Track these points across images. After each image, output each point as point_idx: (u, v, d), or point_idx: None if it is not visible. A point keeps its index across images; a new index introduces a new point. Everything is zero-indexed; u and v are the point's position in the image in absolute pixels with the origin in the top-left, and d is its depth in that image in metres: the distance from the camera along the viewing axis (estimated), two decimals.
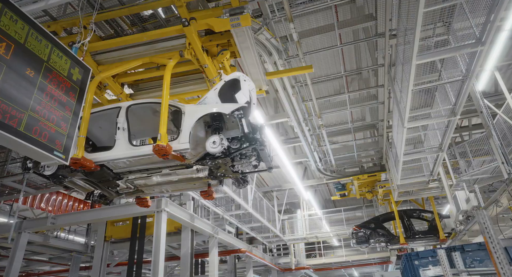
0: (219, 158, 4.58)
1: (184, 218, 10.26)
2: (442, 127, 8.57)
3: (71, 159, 4.22)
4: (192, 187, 5.38)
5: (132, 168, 4.86)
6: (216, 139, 4.38)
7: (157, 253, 8.52)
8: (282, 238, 18.11)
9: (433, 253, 6.82)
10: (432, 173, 11.01)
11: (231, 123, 4.64)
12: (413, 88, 6.79)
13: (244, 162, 4.83)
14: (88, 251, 13.15)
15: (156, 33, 5.62)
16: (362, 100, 11.18)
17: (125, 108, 4.90)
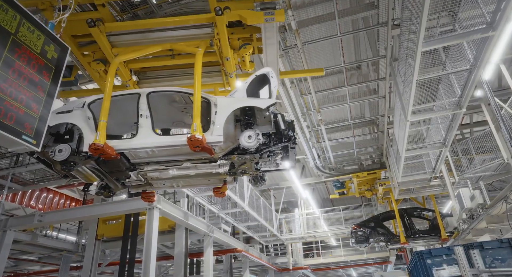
0: (249, 154, 4.47)
1: (177, 216, 9.88)
2: (446, 122, 8.23)
3: (92, 145, 4.03)
4: (207, 183, 5.18)
5: (152, 159, 4.61)
6: (252, 134, 4.28)
7: (148, 252, 8.15)
8: (280, 238, 17.75)
9: (448, 251, 6.24)
10: (435, 170, 10.66)
11: (262, 119, 4.55)
12: (418, 78, 6.44)
13: (270, 160, 4.74)
14: (79, 251, 12.77)
15: (182, 20, 5.34)
16: (362, 94, 10.83)
17: (146, 95, 4.63)
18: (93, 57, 5.85)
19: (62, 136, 4.46)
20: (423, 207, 14.73)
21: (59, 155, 4.27)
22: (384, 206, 18.42)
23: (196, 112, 4.30)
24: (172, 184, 5.14)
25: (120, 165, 4.59)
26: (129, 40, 5.63)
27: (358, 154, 13.72)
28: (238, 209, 13.12)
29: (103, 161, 4.47)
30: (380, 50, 8.75)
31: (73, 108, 4.62)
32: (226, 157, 4.58)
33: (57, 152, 4.28)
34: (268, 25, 5.30)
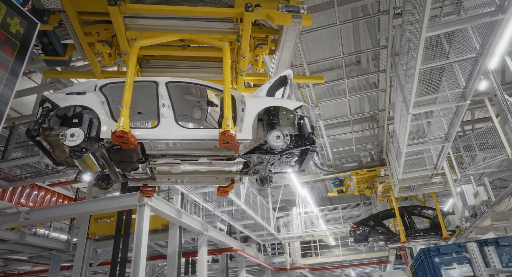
0: (270, 154, 4.44)
1: (170, 214, 9.51)
2: (449, 115, 7.89)
3: (117, 132, 3.79)
4: (214, 180, 5.02)
5: (169, 152, 4.35)
6: (280, 134, 4.25)
7: (138, 251, 7.78)
8: (277, 237, 17.40)
9: (458, 248, 5.67)
10: (436, 166, 10.33)
11: (285, 120, 4.54)
12: (421, 67, 6.09)
13: (286, 161, 4.74)
14: (70, 250, 12.37)
15: (208, 11, 5.17)
16: (362, 89, 10.49)
17: (164, 84, 4.44)
18: (97, 38, 5.49)
19: (70, 120, 4.09)
20: (424, 205, 14.38)
21: (71, 140, 3.88)
22: (384, 205, 18.10)
23: (228, 108, 4.18)
24: (177, 179, 4.90)
25: (133, 156, 4.32)
26: (145, 25, 5.34)
27: (358, 150, 13.41)
28: (234, 207, 12.78)
29: (116, 150, 4.20)
30: (381, 40, 8.42)
31: (84, 90, 4.29)
32: (245, 155, 4.48)
33: (69, 136, 3.89)
34: (291, 28, 5.27)
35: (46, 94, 4.16)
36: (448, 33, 6.37)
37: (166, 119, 4.22)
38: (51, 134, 4.02)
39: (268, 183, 5.18)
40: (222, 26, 5.33)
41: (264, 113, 4.43)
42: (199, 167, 4.62)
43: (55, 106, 3.99)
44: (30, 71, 11.77)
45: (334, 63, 11.11)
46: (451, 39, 6.58)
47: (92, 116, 4.15)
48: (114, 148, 4.14)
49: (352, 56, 10.31)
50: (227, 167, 4.67)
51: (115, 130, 3.83)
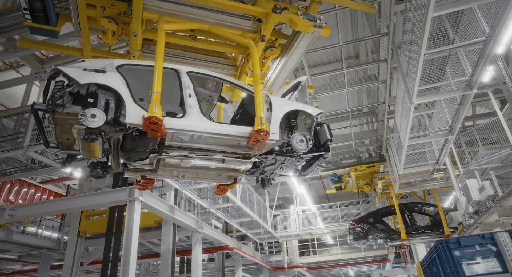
0: (287, 156, 4.49)
1: (163, 210, 9.13)
2: (454, 105, 7.54)
3: (152, 119, 3.55)
4: (216, 178, 4.86)
5: (189, 145, 4.11)
6: (303, 138, 4.37)
7: (128, 249, 7.41)
8: (274, 235, 17.04)
9: (482, 240, 4.96)
10: (438, 161, 9.99)
11: (302, 125, 4.60)
12: (426, 52, 5.74)
13: (295, 165, 4.79)
14: (61, 248, 11.97)
15: (234, 5, 5.03)
16: (361, 81, 10.12)
17: (186, 73, 4.27)
18: (102, 13, 5.10)
19: (84, 99, 3.71)
20: (425, 202, 14.04)
21: (91, 121, 3.55)
22: (383, 203, 17.78)
23: (259, 107, 4.13)
24: (180, 174, 4.61)
25: (149, 145, 4.05)
26: (164, 9, 5.05)
27: (356, 146, 13.04)
28: (230, 204, 12.40)
29: (133, 137, 3.91)
30: (381, 29, 8.06)
31: (101, 68, 3.93)
32: (262, 155, 4.46)
33: (89, 117, 3.54)
34: (307, 36, 5.36)
35: (60, 67, 3.74)
36: (453, 19, 6.05)
37: (193, 110, 4.03)
38: (63, 112, 3.62)
39: (268, 185, 5.26)
40: (242, 23, 5.31)
41: (284, 117, 4.41)
42: (210, 163, 4.40)
43: (73, 82, 3.60)
44: (18, 64, 11.37)
45: (331, 57, 10.77)
46: (457, 27, 6.25)
47: (109, 98, 3.81)
48: (133, 134, 3.86)
49: (350, 49, 9.99)
50: (238, 165, 4.51)
51: (150, 116, 3.57)
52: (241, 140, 4.13)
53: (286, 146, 4.44)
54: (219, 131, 4.03)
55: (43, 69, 8.76)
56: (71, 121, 3.67)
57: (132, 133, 3.85)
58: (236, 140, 4.14)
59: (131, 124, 3.70)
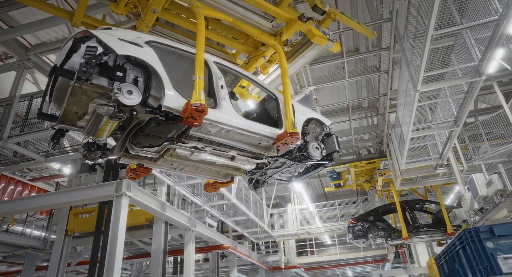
0: (297, 161, 4.53)
1: (153, 207, 8.63)
2: (460, 94, 7.11)
3: (200, 106, 3.29)
4: (214, 175, 4.71)
5: (212, 137, 3.90)
6: (318, 146, 4.50)
7: (113, 249, 6.91)
8: (271, 234, 16.57)
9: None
10: (442, 155, 9.56)
11: (312, 133, 4.69)
12: (434, 33, 5.31)
13: (295, 170, 4.87)
14: (47, 248, 11.43)
15: (263, 4, 4.98)
16: (361, 73, 9.70)
17: (213, 63, 4.02)
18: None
19: (111, 71, 3.21)
20: (426, 199, 13.59)
21: (128, 97, 3.10)
22: (382, 201, 17.37)
23: (289, 111, 4.12)
24: (179, 166, 4.34)
25: (171, 132, 3.71)
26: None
27: (356, 141, 12.62)
28: (225, 201, 11.93)
29: (158, 122, 3.49)
30: (384, 14, 7.64)
31: (133, 40, 3.46)
32: (274, 157, 4.44)
33: (125, 92, 3.09)
34: (317, 48, 5.50)
35: (93, 31, 3.28)
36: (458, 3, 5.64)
37: (226, 103, 3.82)
38: (91, 83, 3.07)
39: (262, 186, 5.30)
40: (263, 23, 5.30)
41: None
42: (218, 159, 4.21)
43: (109, 51, 3.15)
44: (7, 56, 10.83)
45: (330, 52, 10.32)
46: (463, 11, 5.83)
47: (137, 75, 3.37)
48: (158, 119, 3.45)
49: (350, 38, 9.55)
50: (244, 165, 4.41)
51: (198, 103, 3.30)
52: (265, 140, 4.07)
53: (296, 152, 4.45)
54: (248, 128, 3.90)
55: (27, 56, 8.29)
56: (91, 93, 3.20)
57: (158, 118, 3.44)
58: (260, 140, 4.07)
59: (168, 108, 3.35)
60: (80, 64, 3.00)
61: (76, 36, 3.21)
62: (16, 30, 7.26)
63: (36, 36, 8.61)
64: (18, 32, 7.22)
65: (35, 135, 7.24)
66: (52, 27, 7.83)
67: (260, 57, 5.66)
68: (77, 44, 3.18)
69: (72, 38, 3.21)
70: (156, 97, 3.39)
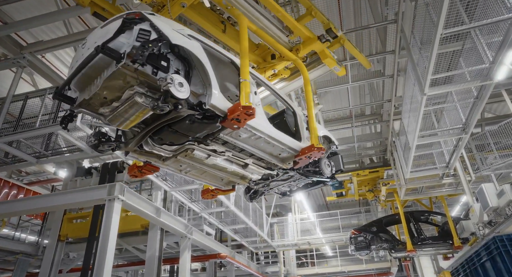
0: (305, 175, 4.61)
1: (148, 212, 8.31)
2: (469, 99, 6.81)
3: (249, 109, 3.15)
4: (217, 181, 4.60)
5: (238, 142, 3.79)
6: (329, 163, 4.72)
7: (102, 255, 6.60)
8: (271, 244, 16.14)
9: None
10: (449, 164, 9.21)
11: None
12: (443, 32, 5.04)
13: (297, 185, 4.98)
14: (39, 254, 11.09)
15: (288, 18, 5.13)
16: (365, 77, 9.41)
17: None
18: None
19: (155, 59, 2.91)
20: (432, 211, 13.15)
21: (179, 89, 2.86)
22: (385, 211, 16.93)
23: (314, 127, 4.22)
24: (187, 168, 4.18)
25: (201, 132, 3.52)
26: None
27: (359, 149, 12.28)
28: (223, 209, 11.58)
29: (193, 120, 3.28)
30: (389, 16, 7.40)
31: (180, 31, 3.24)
32: (285, 170, 4.44)
33: (177, 84, 2.85)
34: (323, 68, 5.72)
35: (147, 15, 3.05)
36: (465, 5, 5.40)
37: (260, 109, 3.71)
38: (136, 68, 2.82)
39: (258, 197, 5.27)
40: (281, 36, 5.37)
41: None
42: (230, 165, 4.10)
43: (163, 38, 2.93)
44: (6, 57, 10.65)
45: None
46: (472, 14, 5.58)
47: (179, 67, 3.13)
48: (194, 117, 3.25)
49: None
50: (253, 173, 4.33)
51: (248, 105, 3.17)
52: (286, 151, 4.05)
53: (305, 167, 4.48)
54: (277, 137, 3.82)
55: (22, 54, 8.07)
56: (131, 79, 2.97)
57: (195, 115, 3.24)
58: (283, 150, 4.03)
59: (213, 106, 3.16)
60: (137, 47, 2.77)
61: (127, 16, 2.98)
62: (10, 27, 7.05)
63: (32, 35, 8.42)
64: (12, 28, 7.01)
65: (25, 134, 6.99)
66: (48, 24, 7.64)
67: (269, 69, 5.69)
68: (127, 25, 2.95)
69: (121, 17, 2.99)
70: (195, 94, 3.22)
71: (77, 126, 6.32)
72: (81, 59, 2.99)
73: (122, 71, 2.85)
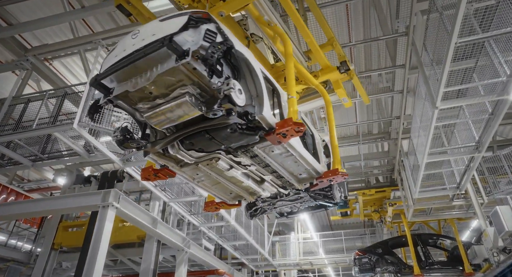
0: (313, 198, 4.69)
1: (144, 222, 8.01)
2: (484, 115, 6.49)
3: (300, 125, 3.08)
4: (225, 195, 4.51)
5: (266, 158, 3.73)
6: (339, 188, 4.85)
7: (91, 265, 6.29)
8: (272, 263, 15.58)
9: None
10: (460, 185, 8.80)
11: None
12: (457, 41, 4.81)
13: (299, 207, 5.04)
14: (32, 262, 10.77)
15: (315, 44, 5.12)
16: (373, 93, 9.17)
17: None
18: None
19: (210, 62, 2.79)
20: (441, 234, 12.59)
21: (238, 96, 2.84)
22: (391, 235, 16.32)
23: (337, 150, 4.24)
24: (201, 177, 4.06)
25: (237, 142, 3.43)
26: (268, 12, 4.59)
27: (365, 168, 11.91)
28: (223, 223, 11.20)
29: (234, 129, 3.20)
30: (400, 29, 7.21)
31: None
32: (297, 190, 4.45)
33: (237, 91, 2.83)
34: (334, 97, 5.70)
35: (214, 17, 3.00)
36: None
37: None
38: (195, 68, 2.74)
39: (259, 215, 5.21)
40: (302, 61, 5.43)
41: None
42: (246, 179, 4.04)
43: (228, 43, 2.91)
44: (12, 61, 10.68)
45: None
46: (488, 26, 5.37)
47: (229, 74, 3.01)
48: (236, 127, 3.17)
49: None
50: (264, 190, 4.28)
51: (299, 121, 3.11)
52: (307, 172, 4.06)
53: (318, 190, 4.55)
54: (307, 157, 3.80)
55: (26, 57, 8.02)
56: (184, 78, 2.86)
57: (237, 125, 3.17)
58: (306, 171, 4.03)
59: (263, 119, 3.06)
60: (206, 47, 2.73)
61: (193, 14, 2.90)
62: (15, 28, 6.99)
63: (37, 38, 8.37)
64: (17, 29, 6.94)
65: (21, 135, 6.79)
66: (53, 28, 7.57)
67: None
68: (192, 23, 2.86)
69: (186, 14, 2.90)
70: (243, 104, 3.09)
71: (74, 128, 6.06)
72: (131, 49, 2.86)
73: (180, 69, 2.76)
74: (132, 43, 2.92)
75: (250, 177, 4.03)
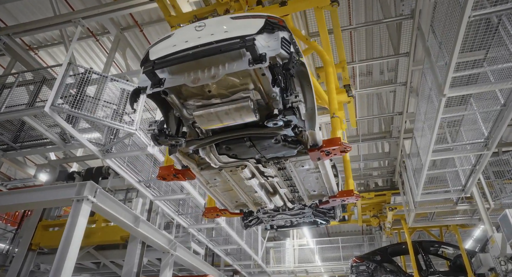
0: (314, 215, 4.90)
1: (123, 219, 7.33)
2: (496, 106, 5.95)
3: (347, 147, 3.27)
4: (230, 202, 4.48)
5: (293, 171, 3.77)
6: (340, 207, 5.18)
7: (60, 265, 5.65)
8: (265, 269, 14.88)
9: None
10: (465, 187, 8.21)
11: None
12: (471, 14, 4.28)
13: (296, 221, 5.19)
14: (8, 263, 10.08)
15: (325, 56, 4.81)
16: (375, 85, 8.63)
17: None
18: None
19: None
20: (443, 242, 11.94)
21: (303, 108, 3.02)
22: (390, 242, 15.68)
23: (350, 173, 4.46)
24: (216, 183, 4.04)
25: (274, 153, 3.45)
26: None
27: (365, 169, 11.34)
28: (214, 225, 10.54)
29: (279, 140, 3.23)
30: (404, 12, 6.72)
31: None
32: (304, 205, 4.52)
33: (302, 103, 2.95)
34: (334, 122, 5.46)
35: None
36: None
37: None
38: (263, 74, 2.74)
39: (253, 226, 5.28)
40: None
41: None
42: (260, 190, 3.98)
43: (299, 54, 2.94)
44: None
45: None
46: None
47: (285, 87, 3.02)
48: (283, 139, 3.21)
49: None
50: (271, 202, 4.29)
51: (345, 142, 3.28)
52: (321, 190, 4.12)
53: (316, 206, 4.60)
54: (330, 176, 3.82)
55: None
56: (249, 82, 2.81)
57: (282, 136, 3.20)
58: (320, 189, 4.10)
59: (312, 134, 3.12)
60: (288, 57, 2.72)
61: (270, 18, 2.82)
62: None
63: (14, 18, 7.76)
64: None
65: None
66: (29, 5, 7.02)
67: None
68: (268, 28, 2.79)
69: (263, 17, 2.84)
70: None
71: (45, 111, 5.48)
72: (196, 41, 2.73)
73: (249, 72, 2.72)
74: (198, 36, 2.79)
75: (263, 188, 3.99)
